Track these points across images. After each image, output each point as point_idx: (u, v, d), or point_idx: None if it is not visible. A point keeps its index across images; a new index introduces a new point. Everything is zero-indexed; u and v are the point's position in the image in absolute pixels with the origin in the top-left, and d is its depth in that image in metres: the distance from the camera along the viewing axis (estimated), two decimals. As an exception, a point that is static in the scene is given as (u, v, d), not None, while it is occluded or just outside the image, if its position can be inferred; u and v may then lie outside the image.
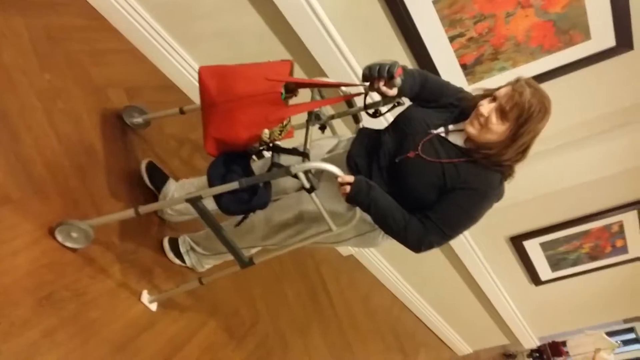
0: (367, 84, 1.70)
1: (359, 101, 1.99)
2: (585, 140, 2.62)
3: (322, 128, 2.06)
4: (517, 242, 3.43)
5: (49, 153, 1.83)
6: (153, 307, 1.95)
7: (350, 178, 1.62)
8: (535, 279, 3.73)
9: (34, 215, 1.69)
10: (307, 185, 1.62)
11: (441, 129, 1.74)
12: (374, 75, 1.64)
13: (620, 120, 2.53)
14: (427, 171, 1.67)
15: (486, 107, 1.62)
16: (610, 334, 6.02)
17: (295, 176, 1.61)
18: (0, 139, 1.71)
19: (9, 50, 1.87)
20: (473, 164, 1.66)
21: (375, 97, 1.89)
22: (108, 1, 2.35)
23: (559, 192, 2.93)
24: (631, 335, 7.91)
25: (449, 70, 2.41)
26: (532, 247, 3.45)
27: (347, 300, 3.54)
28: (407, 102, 1.88)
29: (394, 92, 1.69)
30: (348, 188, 1.62)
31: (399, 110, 1.88)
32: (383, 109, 1.92)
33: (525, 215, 3.22)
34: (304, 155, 1.69)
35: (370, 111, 1.95)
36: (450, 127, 1.74)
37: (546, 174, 2.78)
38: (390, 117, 1.99)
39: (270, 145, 1.69)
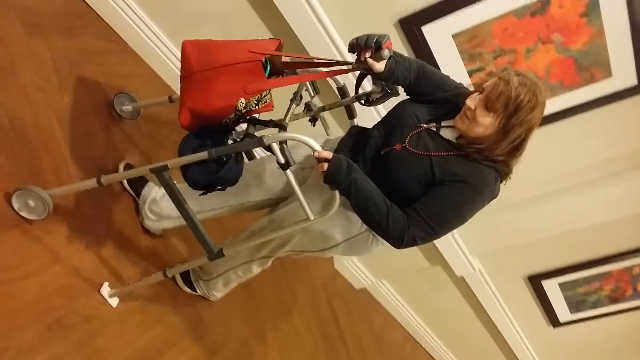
0: (355, 57, 1.60)
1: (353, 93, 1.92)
2: (606, 178, 2.58)
3: (313, 121, 1.96)
4: (535, 281, 3.35)
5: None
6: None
7: (328, 154, 1.51)
8: (553, 321, 3.62)
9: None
10: (282, 159, 1.49)
11: (432, 124, 1.65)
12: (360, 44, 1.55)
13: (641, 160, 2.49)
14: (413, 164, 1.58)
15: (473, 100, 1.55)
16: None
17: (269, 149, 1.49)
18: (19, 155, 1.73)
19: (29, 71, 1.90)
20: (465, 158, 1.57)
21: (366, 88, 1.82)
22: (128, 25, 2.39)
23: (578, 231, 2.87)
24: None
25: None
26: (551, 287, 3.36)
27: (359, 334, 3.46)
28: (402, 95, 1.81)
29: (380, 66, 1.59)
30: (326, 165, 1.50)
31: (392, 103, 1.80)
32: (375, 96, 1.82)
33: (544, 254, 3.15)
34: (281, 127, 1.57)
35: (363, 100, 1.85)
36: (443, 122, 1.66)
37: (565, 212, 2.74)
38: (383, 112, 1.92)
39: (247, 117, 1.59)
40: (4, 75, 1.81)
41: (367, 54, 1.56)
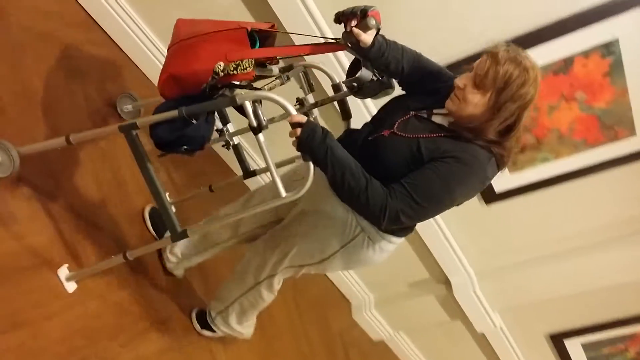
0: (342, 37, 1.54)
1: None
2: (631, 236, 2.55)
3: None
4: (557, 340, 3.26)
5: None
6: None
7: (302, 117, 1.42)
8: (576, 382, 3.51)
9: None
10: (254, 121, 1.40)
11: (423, 111, 1.58)
12: (346, 14, 1.50)
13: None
14: (401, 147, 1.50)
15: (462, 78, 1.48)
16: None
17: (242, 110, 1.41)
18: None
19: (68, 116, 1.97)
20: (456, 139, 1.48)
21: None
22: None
23: (603, 289, 2.81)
24: None
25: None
26: (574, 347, 3.27)
27: (375, 388, 3.39)
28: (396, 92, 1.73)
29: (368, 37, 1.51)
30: (299, 131, 1.41)
31: (383, 101, 1.72)
32: (366, 83, 1.67)
33: (567, 311, 3.09)
34: (255, 89, 1.50)
35: (353, 89, 1.69)
36: (435, 110, 1.58)
37: (589, 269, 2.70)
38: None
39: (225, 84, 1.53)
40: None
41: (353, 22, 1.50)
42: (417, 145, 1.48)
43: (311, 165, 1.44)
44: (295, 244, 1.71)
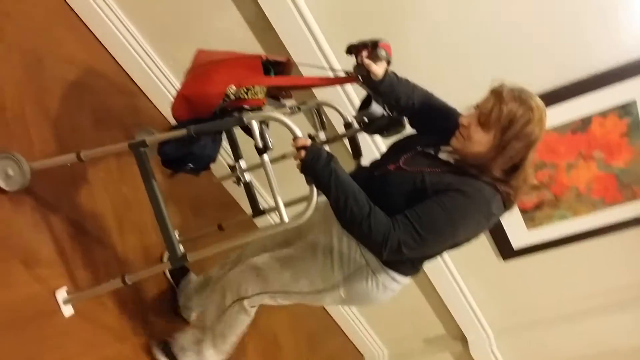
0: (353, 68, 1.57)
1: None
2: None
3: None
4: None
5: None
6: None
7: (307, 140, 1.41)
8: None
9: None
10: (259, 142, 1.42)
11: (430, 148, 1.58)
12: (357, 45, 1.53)
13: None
14: (405, 180, 1.48)
15: (467, 117, 1.48)
16: None
17: (249, 131, 1.43)
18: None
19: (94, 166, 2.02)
20: (462, 174, 1.46)
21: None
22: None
23: (621, 350, 2.73)
24: None
25: (508, 214, 2.41)
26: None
27: None
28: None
29: (379, 69, 1.53)
30: (303, 153, 1.40)
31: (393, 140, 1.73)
32: (377, 120, 1.70)
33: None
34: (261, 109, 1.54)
35: (362, 123, 1.72)
36: (442, 147, 1.57)
37: (607, 330, 2.64)
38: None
39: (237, 107, 1.55)
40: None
41: (364, 54, 1.54)
42: (422, 179, 1.46)
43: (314, 189, 1.43)
44: (294, 267, 1.66)
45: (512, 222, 1.90)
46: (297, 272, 1.65)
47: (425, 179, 1.46)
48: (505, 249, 2.55)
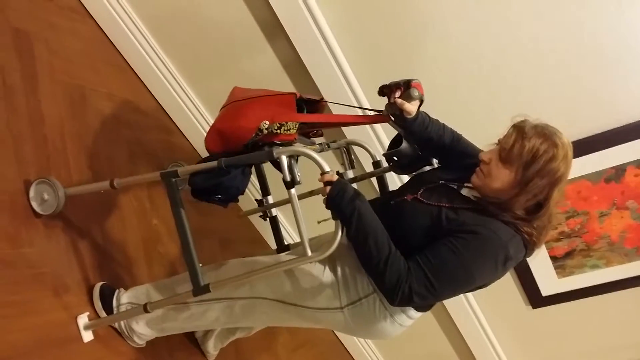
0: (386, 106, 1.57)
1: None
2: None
3: None
4: None
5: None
6: None
7: (334, 176, 1.40)
8: None
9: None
10: (288, 176, 1.43)
11: (454, 183, 1.54)
12: (390, 85, 1.53)
13: None
14: (420, 213, 1.44)
15: (488, 153, 1.44)
16: None
17: (278, 165, 1.44)
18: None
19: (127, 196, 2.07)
20: (480, 212, 1.40)
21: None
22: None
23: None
24: None
25: (538, 261, 2.37)
26: None
27: None
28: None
29: (411, 108, 1.51)
30: (329, 188, 1.39)
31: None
32: (406, 158, 1.70)
33: None
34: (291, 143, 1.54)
35: (391, 162, 1.73)
36: (466, 183, 1.53)
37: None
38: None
39: (268, 142, 1.56)
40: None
41: (397, 94, 1.52)
42: (438, 213, 1.42)
43: (340, 224, 1.40)
44: (299, 279, 1.57)
45: (542, 269, 1.86)
46: (300, 284, 1.57)
47: (442, 213, 1.41)
48: (534, 297, 2.49)
